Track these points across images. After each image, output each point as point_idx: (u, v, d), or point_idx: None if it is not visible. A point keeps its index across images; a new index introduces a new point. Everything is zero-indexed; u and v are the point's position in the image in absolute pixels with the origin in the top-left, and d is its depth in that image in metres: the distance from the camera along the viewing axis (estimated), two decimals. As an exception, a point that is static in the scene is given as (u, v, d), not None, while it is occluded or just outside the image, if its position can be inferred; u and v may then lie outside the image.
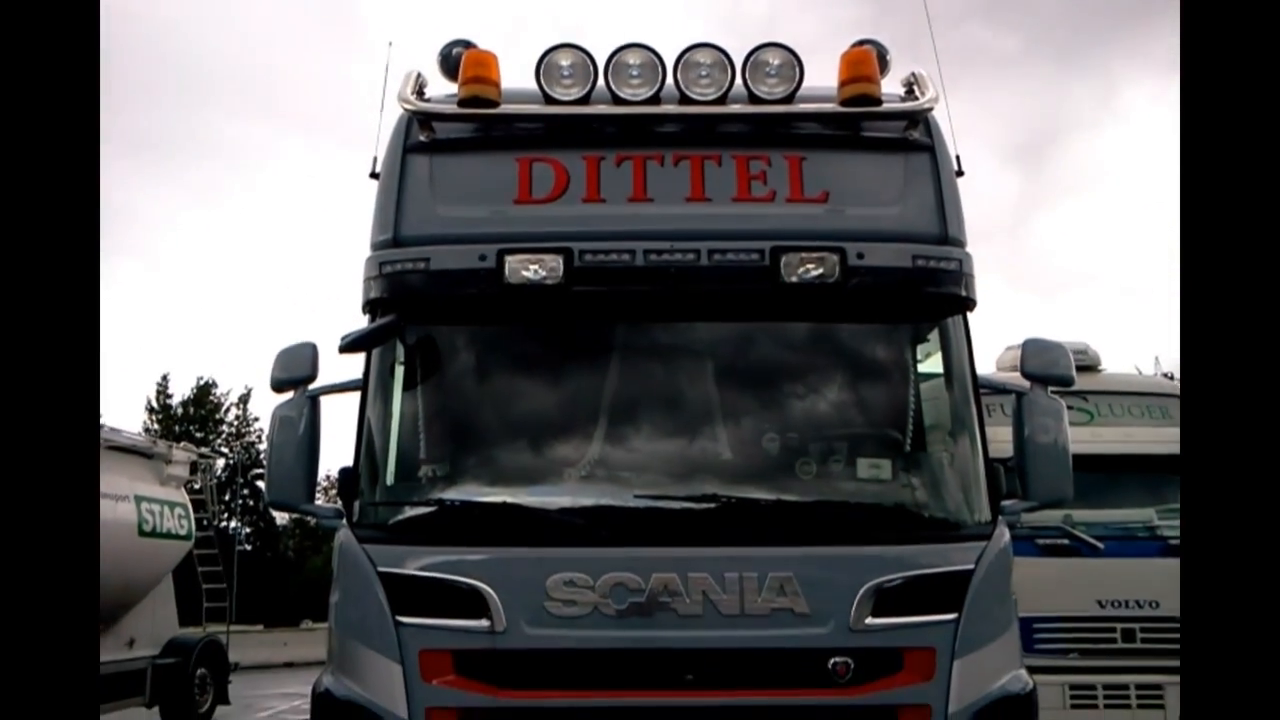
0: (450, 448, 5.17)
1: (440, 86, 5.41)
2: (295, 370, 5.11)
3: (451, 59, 5.35)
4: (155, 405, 49.39)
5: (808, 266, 4.86)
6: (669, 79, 5.07)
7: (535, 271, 4.85)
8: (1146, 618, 8.45)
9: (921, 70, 5.37)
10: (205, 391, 50.40)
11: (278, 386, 5.11)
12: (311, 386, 5.09)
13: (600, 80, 5.07)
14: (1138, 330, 61.69)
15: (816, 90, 5.18)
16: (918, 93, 5.26)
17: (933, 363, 5.17)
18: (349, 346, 4.98)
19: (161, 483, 15.71)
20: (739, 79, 5.08)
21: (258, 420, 49.63)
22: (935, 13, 5.98)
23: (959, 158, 5.26)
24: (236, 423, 50.82)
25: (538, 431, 5.11)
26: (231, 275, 75.29)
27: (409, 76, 5.33)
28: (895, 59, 5.47)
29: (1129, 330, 66.30)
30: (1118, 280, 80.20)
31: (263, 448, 42.53)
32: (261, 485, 26.72)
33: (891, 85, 5.34)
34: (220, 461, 40.88)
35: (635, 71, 5.09)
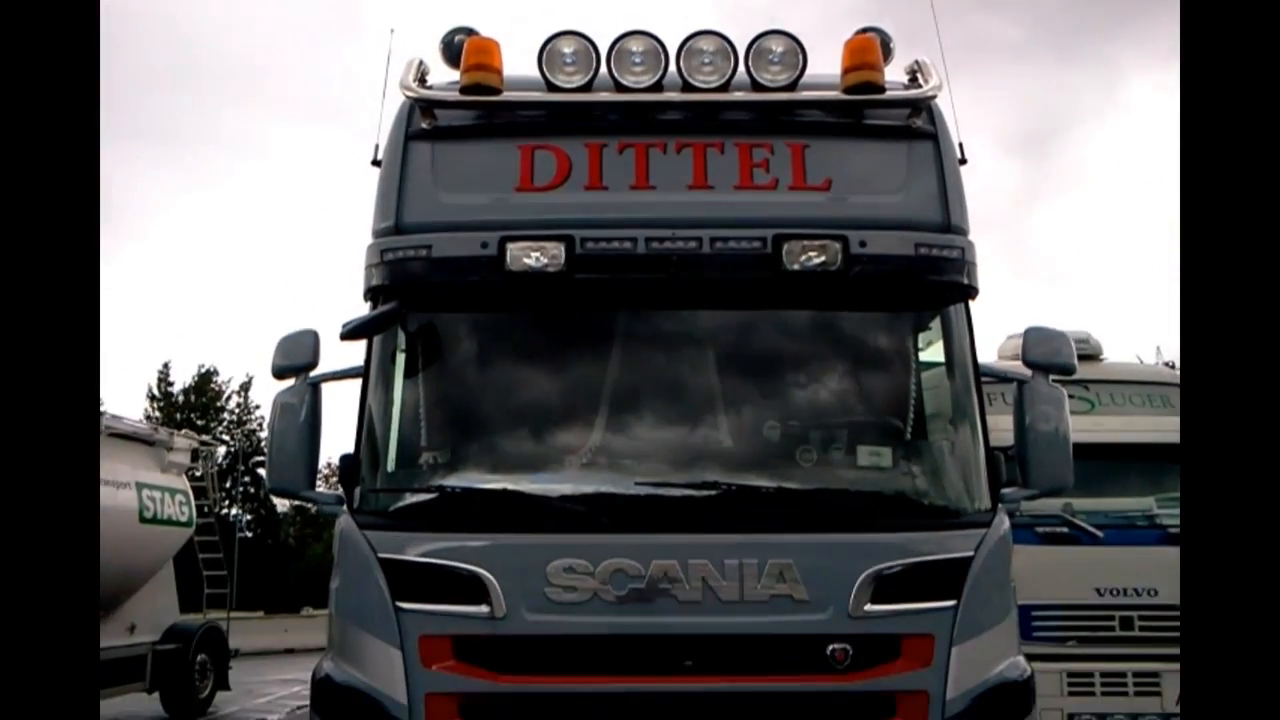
0: (451, 434, 5.18)
1: (442, 74, 5.40)
2: (296, 357, 5.12)
3: (454, 46, 5.34)
4: (156, 393, 49.50)
5: (810, 254, 4.85)
6: (672, 66, 5.06)
7: (537, 259, 4.84)
8: (1145, 606, 8.45)
9: (925, 58, 5.36)
10: (206, 379, 50.48)
11: (279, 374, 5.13)
12: (313, 374, 5.11)
13: (603, 68, 5.06)
14: (1139, 320, 61.70)
15: (820, 78, 5.16)
16: (921, 81, 5.24)
17: (934, 351, 5.16)
18: (350, 334, 4.98)
19: (162, 470, 15.71)
20: (742, 67, 5.07)
21: (259, 408, 49.79)
22: (939, 2, 5.97)
23: (962, 146, 5.24)
24: (238, 410, 50.94)
25: (538, 418, 5.11)
26: (233, 263, 75.38)
27: (411, 64, 5.32)
28: (898, 48, 5.46)
29: (1131, 319, 66.24)
30: (1120, 270, 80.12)
31: (264, 435, 42.31)
32: (262, 472, 26.69)
33: (895, 73, 5.32)
34: (221, 449, 41.01)
35: (638, 59, 5.07)
